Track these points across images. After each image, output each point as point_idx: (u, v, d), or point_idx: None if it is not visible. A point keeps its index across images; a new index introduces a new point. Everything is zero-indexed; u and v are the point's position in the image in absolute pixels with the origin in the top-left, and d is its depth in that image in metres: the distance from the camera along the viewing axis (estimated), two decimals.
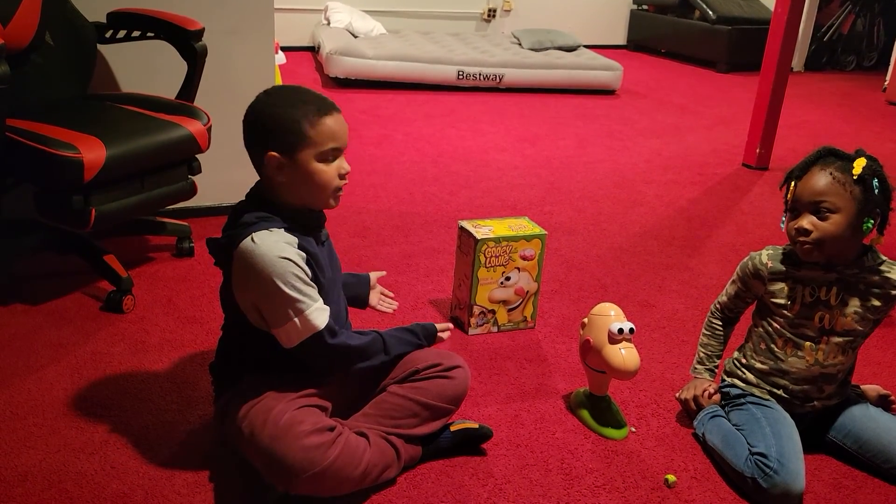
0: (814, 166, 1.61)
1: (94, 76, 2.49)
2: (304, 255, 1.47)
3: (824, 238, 1.58)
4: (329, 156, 1.48)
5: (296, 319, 1.44)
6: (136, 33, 2.46)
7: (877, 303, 1.66)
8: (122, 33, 2.47)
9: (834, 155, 1.62)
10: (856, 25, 7.30)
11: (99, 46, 2.49)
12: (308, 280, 1.46)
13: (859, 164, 1.58)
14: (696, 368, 1.87)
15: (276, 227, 1.46)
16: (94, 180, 1.96)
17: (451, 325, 1.75)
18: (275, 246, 1.43)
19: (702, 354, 1.86)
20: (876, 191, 1.57)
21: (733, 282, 1.81)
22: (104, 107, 2.32)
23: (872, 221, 1.59)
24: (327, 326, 1.47)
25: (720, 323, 1.86)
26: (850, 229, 1.58)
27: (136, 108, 2.28)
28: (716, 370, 1.86)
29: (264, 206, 1.50)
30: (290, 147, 1.45)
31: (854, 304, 1.66)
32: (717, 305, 1.87)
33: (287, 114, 1.45)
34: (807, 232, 1.59)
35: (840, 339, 1.67)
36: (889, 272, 1.66)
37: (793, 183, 1.63)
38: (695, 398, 1.80)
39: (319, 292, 1.49)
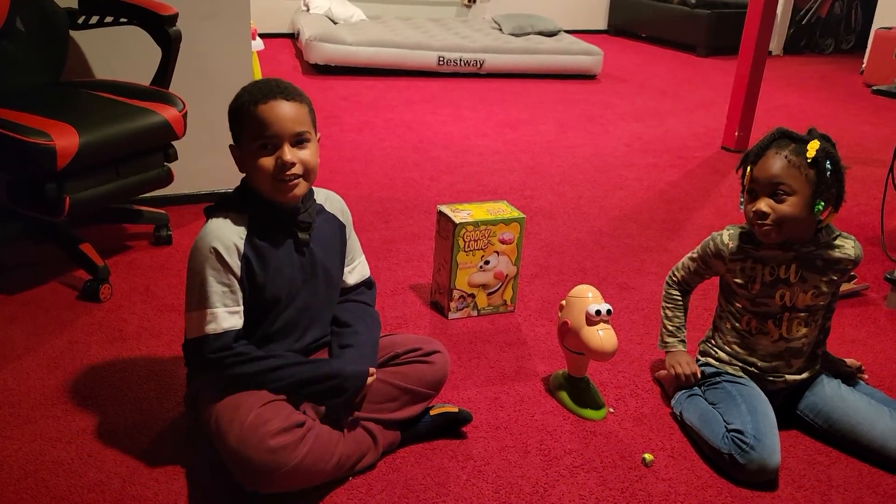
0: (769, 149, 1.62)
1: (67, 63, 2.46)
2: (238, 250, 1.44)
3: (782, 220, 1.61)
4: (265, 144, 1.44)
5: (193, 313, 1.45)
6: (108, 19, 2.43)
7: (833, 277, 1.70)
8: (94, 19, 2.44)
9: (788, 137, 1.63)
10: (834, 9, 7.33)
11: (72, 33, 2.46)
12: (225, 280, 1.43)
13: (813, 147, 1.59)
14: (666, 343, 1.86)
15: (236, 214, 1.47)
16: (68, 168, 1.93)
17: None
18: (211, 234, 1.44)
19: (670, 327, 1.86)
20: (828, 173, 1.59)
21: (693, 259, 1.83)
22: (77, 94, 2.29)
23: (823, 203, 1.60)
24: (213, 335, 1.43)
25: (679, 293, 1.87)
26: (805, 210, 1.61)
27: (110, 94, 2.26)
28: (686, 340, 1.86)
29: (247, 191, 1.50)
30: (235, 136, 1.48)
31: (813, 280, 1.68)
32: (675, 278, 1.88)
33: (234, 104, 1.46)
34: (765, 214, 1.61)
35: (802, 315, 1.70)
36: (844, 246, 1.69)
37: (749, 167, 1.65)
38: (678, 374, 1.79)
39: (257, 292, 1.47)
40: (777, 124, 1.69)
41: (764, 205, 1.61)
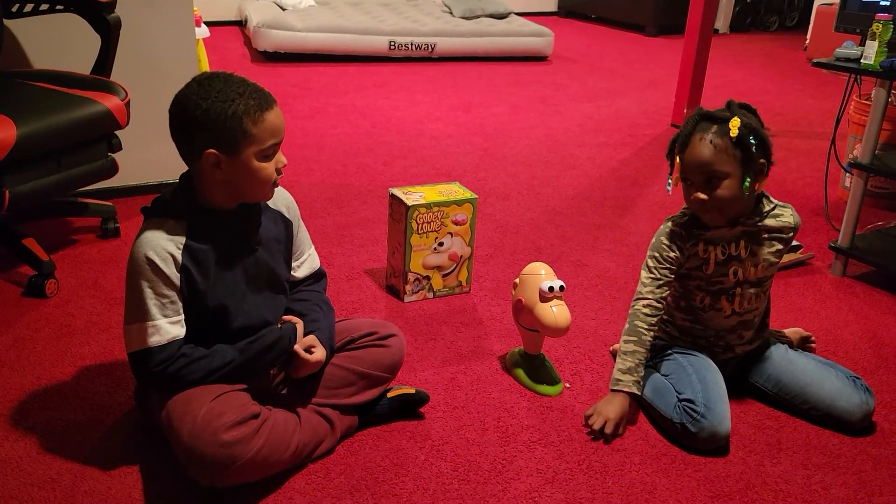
0: (693, 136, 1.62)
1: (3, 53, 2.38)
2: (176, 260, 1.40)
3: (721, 204, 1.62)
4: (270, 152, 1.42)
5: (133, 326, 1.40)
6: (44, 6, 2.36)
7: (779, 246, 1.74)
8: (29, 7, 2.36)
9: (708, 119, 1.62)
10: None
11: (6, 22, 2.38)
12: (164, 291, 1.39)
13: (734, 126, 1.58)
14: (620, 381, 1.68)
15: (173, 221, 1.42)
16: (6, 160, 1.88)
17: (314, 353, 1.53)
18: (146, 245, 1.39)
19: (629, 364, 1.68)
20: (754, 147, 1.60)
21: (650, 269, 1.72)
22: (14, 84, 2.22)
23: (750, 179, 1.61)
24: (157, 347, 1.39)
25: (650, 314, 1.70)
26: (741, 189, 1.62)
27: (49, 84, 2.20)
28: (641, 381, 1.69)
29: (186, 197, 1.44)
30: (230, 145, 1.37)
31: (762, 253, 1.72)
32: (643, 301, 1.71)
33: (226, 109, 1.35)
34: (704, 202, 1.63)
35: (753, 289, 1.73)
36: (783, 215, 1.73)
37: (677, 158, 1.64)
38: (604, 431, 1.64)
39: (200, 300, 1.43)
40: (724, 101, 1.69)
41: (701, 194, 1.62)
